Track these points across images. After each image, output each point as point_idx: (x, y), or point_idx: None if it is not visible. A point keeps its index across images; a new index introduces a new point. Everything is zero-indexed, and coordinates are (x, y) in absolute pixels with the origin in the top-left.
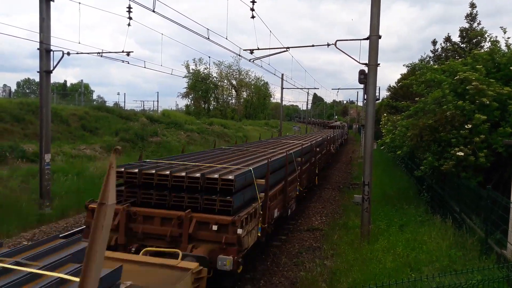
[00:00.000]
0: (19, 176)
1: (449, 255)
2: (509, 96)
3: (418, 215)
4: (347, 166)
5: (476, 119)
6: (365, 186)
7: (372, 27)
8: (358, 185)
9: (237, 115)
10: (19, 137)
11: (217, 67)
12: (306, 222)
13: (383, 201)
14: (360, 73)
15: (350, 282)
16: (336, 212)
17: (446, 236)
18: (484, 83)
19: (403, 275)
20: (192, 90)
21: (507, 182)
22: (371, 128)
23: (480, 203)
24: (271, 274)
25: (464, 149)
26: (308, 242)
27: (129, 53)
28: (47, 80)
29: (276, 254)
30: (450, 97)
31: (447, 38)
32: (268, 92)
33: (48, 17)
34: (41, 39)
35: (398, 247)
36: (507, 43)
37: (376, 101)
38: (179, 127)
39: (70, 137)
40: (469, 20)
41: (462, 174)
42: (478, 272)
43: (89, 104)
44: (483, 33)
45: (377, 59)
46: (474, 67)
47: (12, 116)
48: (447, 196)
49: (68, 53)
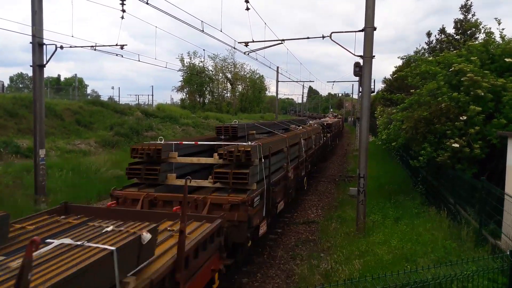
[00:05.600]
0: (14, 171)
1: (444, 247)
2: (504, 87)
3: (413, 207)
4: (342, 159)
5: (471, 110)
6: (361, 179)
7: (367, 19)
8: (353, 177)
9: (232, 109)
10: (13, 132)
11: (212, 60)
12: (302, 215)
13: (379, 194)
14: (355, 66)
15: (346, 274)
16: (331, 205)
17: (441, 227)
18: (478, 74)
19: (399, 267)
20: (187, 84)
21: (501, 173)
22: (366, 121)
23: (474, 194)
24: (267, 267)
25: (459, 140)
26: (304, 235)
27: (123, 46)
28: (40, 74)
29: (272, 247)
30: (445, 89)
31: (442, 29)
32: (264, 85)
33: (41, 10)
34: (33, 32)
35: (393, 239)
36: (501, 34)
37: (371, 94)
38: (174, 121)
39: (64, 132)
40: (463, 12)
41: (457, 166)
42: (473, 263)
43: (83, 99)
44: (477, 24)
45: (372, 51)
46: (468, 59)
47: (5, 111)
48: (442, 188)
49: (61, 47)
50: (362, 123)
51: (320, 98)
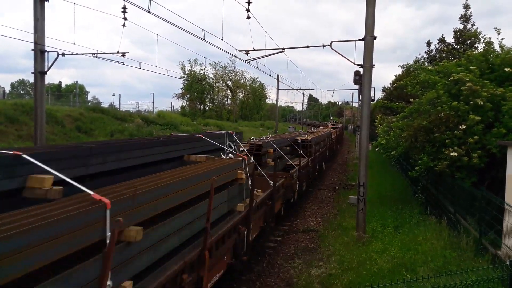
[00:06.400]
0: None
1: (444, 256)
2: (503, 97)
3: (413, 216)
4: (342, 167)
5: (470, 120)
6: (360, 187)
7: (367, 28)
8: (353, 186)
9: (233, 116)
10: (14, 138)
11: (212, 68)
12: (302, 223)
13: (378, 202)
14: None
15: (345, 283)
16: (331, 213)
17: (441, 236)
18: (478, 84)
19: (398, 275)
20: (187, 91)
21: (501, 183)
22: (366, 129)
23: (474, 203)
24: (266, 275)
25: (458, 149)
26: (303, 243)
27: (124, 54)
28: (42, 81)
29: (271, 256)
30: (444, 98)
31: (441, 39)
32: (264, 93)
33: (43, 17)
34: (35, 39)
35: (393, 248)
36: (501, 44)
37: (371, 102)
38: (175, 128)
39: (65, 138)
40: (463, 21)
41: (456, 175)
42: (473, 273)
43: (84, 105)
44: (477, 34)
45: (372, 60)
46: (468, 68)
47: (6, 117)
48: (442, 197)
49: (63, 54)
50: (362, 131)
51: (320, 106)
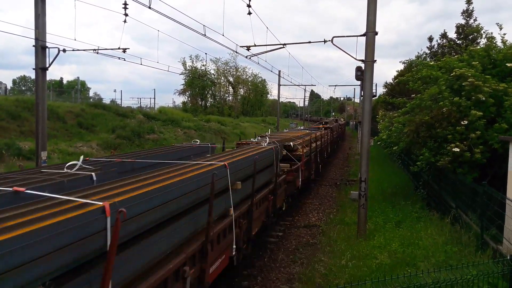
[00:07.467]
0: None
1: (445, 251)
2: (505, 92)
3: (414, 211)
4: (344, 163)
5: (472, 115)
6: (362, 183)
7: (368, 24)
8: (355, 181)
9: (234, 112)
10: (15, 135)
11: (214, 63)
12: (303, 219)
13: (380, 197)
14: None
15: (346, 278)
16: (333, 208)
17: (442, 232)
18: (480, 79)
19: (400, 270)
20: (189, 87)
21: (502, 178)
22: (367, 125)
23: (476, 199)
24: (268, 270)
25: (460, 145)
26: (305, 238)
27: (125, 50)
28: (43, 77)
29: (273, 251)
30: (446, 94)
31: (443, 34)
32: (265, 89)
33: (44, 13)
34: (36, 35)
35: (394, 243)
36: (503, 39)
37: (372, 98)
38: (176, 124)
39: (66, 134)
40: (465, 17)
41: (458, 170)
42: (474, 267)
43: (86, 101)
44: (479, 29)
45: (374, 55)
46: (470, 64)
47: (8, 113)
48: (443, 192)
49: (64, 50)
50: (363, 127)
51: (322, 101)
